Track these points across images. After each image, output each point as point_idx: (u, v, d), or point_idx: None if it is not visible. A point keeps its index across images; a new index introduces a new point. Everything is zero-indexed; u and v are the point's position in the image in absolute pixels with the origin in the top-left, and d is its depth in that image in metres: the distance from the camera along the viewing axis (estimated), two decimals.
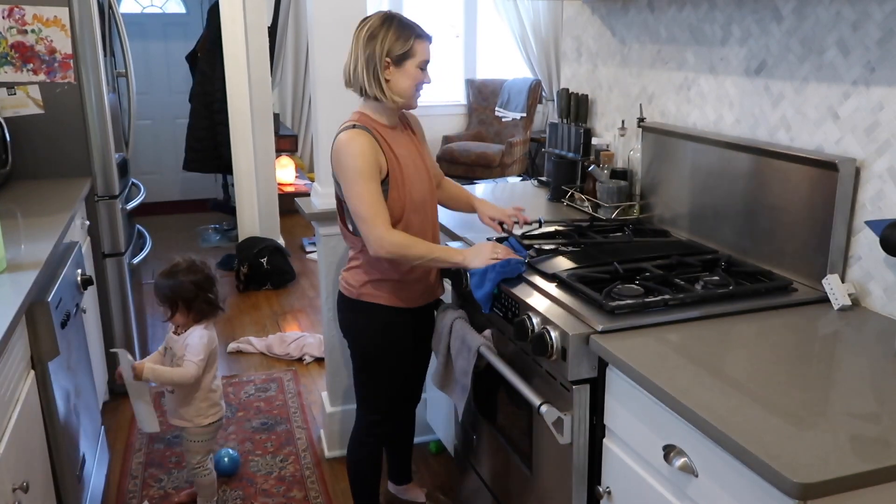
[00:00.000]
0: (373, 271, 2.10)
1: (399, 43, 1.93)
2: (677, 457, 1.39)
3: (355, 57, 1.96)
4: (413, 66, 1.96)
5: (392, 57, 1.94)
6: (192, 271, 2.41)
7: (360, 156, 1.93)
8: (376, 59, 1.93)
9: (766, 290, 1.81)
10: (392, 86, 1.96)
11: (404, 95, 1.99)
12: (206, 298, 2.41)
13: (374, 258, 2.01)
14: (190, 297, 2.38)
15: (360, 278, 2.12)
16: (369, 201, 1.94)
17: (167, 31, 6.51)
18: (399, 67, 1.95)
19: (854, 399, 1.34)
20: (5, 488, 1.62)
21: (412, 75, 1.97)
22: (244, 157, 5.04)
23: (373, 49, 1.93)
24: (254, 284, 4.82)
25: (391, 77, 1.96)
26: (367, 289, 2.11)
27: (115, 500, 2.68)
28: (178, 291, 2.38)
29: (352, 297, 2.14)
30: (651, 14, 2.44)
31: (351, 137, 1.95)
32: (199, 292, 2.39)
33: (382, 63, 1.94)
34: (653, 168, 2.41)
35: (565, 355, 1.64)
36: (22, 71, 3.04)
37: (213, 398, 2.47)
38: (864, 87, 1.72)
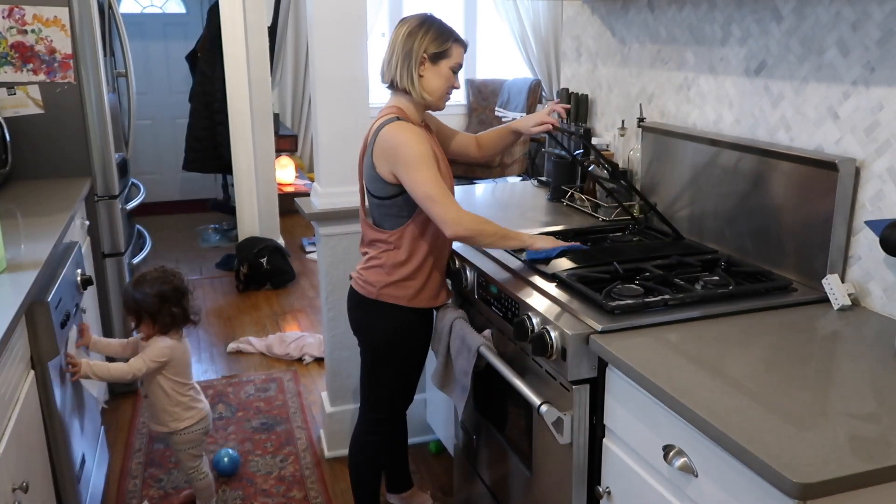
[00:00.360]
0: (396, 271, 2.07)
1: (437, 42, 1.99)
2: (677, 457, 1.39)
3: (392, 50, 2.00)
4: (447, 67, 2.01)
5: (429, 54, 1.98)
6: (159, 282, 2.38)
7: (418, 142, 1.94)
8: (413, 55, 1.97)
9: (766, 290, 1.81)
10: (424, 83, 2.00)
11: (434, 94, 2.02)
12: (171, 311, 2.38)
13: (398, 259, 2.04)
14: (153, 309, 2.36)
15: (381, 278, 2.09)
16: (438, 183, 1.93)
17: (167, 31, 6.50)
18: (434, 65, 1.99)
19: (854, 399, 1.34)
20: (5, 488, 1.62)
21: (445, 76, 2.01)
22: (244, 157, 5.04)
23: (412, 45, 1.97)
24: (253, 284, 4.82)
25: (425, 74, 1.99)
26: (389, 289, 2.09)
27: (114, 500, 2.68)
28: (141, 303, 2.36)
29: (370, 296, 2.11)
30: (651, 14, 2.44)
31: (403, 126, 1.97)
32: (164, 305, 2.36)
33: (419, 59, 1.98)
34: (652, 168, 2.41)
35: (565, 355, 1.64)
36: (22, 71, 3.04)
37: (185, 402, 2.44)
38: (863, 87, 1.72)
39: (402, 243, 2.05)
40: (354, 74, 2.61)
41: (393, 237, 2.05)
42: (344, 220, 2.69)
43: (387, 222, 2.05)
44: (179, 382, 2.42)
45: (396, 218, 2.04)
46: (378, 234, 2.08)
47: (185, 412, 2.44)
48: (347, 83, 2.61)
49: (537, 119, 2.23)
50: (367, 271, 2.12)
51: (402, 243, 2.05)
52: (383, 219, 2.06)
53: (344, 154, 2.66)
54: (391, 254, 2.06)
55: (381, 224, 2.06)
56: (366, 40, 2.61)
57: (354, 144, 2.66)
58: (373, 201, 2.07)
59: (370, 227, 2.11)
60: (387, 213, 2.04)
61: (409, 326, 2.16)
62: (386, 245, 2.07)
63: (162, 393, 2.41)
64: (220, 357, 3.86)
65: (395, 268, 2.07)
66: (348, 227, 2.70)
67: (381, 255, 2.08)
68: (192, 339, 4.02)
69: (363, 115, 2.65)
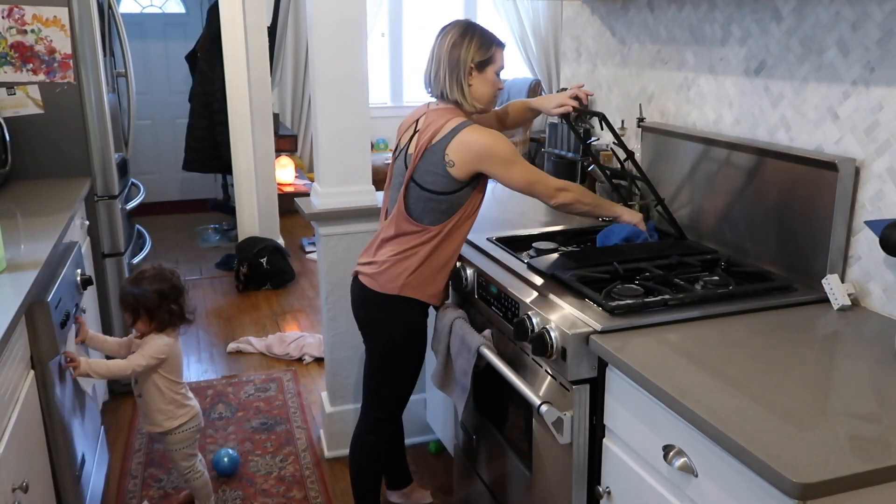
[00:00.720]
0: (429, 266, 2.09)
1: (482, 50, 2.03)
2: (677, 457, 1.39)
3: (438, 62, 2.05)
4: (492, 73, 2.06)
5: (476, 63, 2.02)
6: (158, 280, 2.38)
7: (504, 141, 2.02)
8: (460, 66, 2.02)
9: (766, 290, 1.81)
10: (473, 91, 2.05)
11: (483, 100, 2.08)
12: (169, 309, 2.38)
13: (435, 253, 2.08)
14: (152, 306, 2.35)
15: (408, 273, 2.09)
16: (532, 168, 2.06)
17: (167, 31, 6.50)
18: (481, 73, 2.04)
19: (854, 399, 1.34)
20: (5, 488, 1.62)
21: (492, 81, 2.06)
22: (244, 157, 5.04)
23: (457, 56, 2.02)
24: (253, 284, 4.82)
25: (473, 83, 2.04)
26: (414, 283, 2.10)
27: (114, 500, 2.68)
28: (140, 300, 2.36)
29: (389, 292, 2.11)
30: (651, 14, 2.44)
31: (485, 130, 2.02)
32: (162, 302, 2.36)
33: (466, 69, 2.02)
34: (652, 168, 2.41)
35: (565, 355, 1.64)
36: (21, 71, 3.04)
37: (178, 400, 2.44)
38: (863, 87, 1.72)
39: (442, 238, 2.07)
40: (354, 74, 2.61)
41: (433, 232, 2.06)
42: (344, 220, 2.69)
43: (428, 217, 2.05)
44: (173, 381, 2.42)
45: (442, 214, 2.05)
46: (416, 227, 2.07)
47: (178, 409, 2.44)
48: (347, 83, 2.61)
49: (559, 100, 2.27)
50: (390, 266, 2.10)
51: (442, 238, 2.07)
52: (426, 213, 2.05)
53: (344, 154, 2.66)
54: (427, 247, 2.07)
55: (421, 219, 2.06)
56: (365, 40, 2.61)
57: (354, 144, 2.67)
58: (420, 195, 2.05)
59: (407, 221, 2.07)
60: (434, 209, 2.04)
61: (421, 323, 2.19)
62: (423, 239, 2.07)
63: (156, 391, 2.41)
64: (219, 357, 3.86)
65: (428, 262, 2.08)
66: (348, 227, 2.70)
67: (414, 249, 2.07)
68: (192, 338, 4.03)
69: (363, 115, 2.65)
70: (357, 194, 2.69)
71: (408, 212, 2.07)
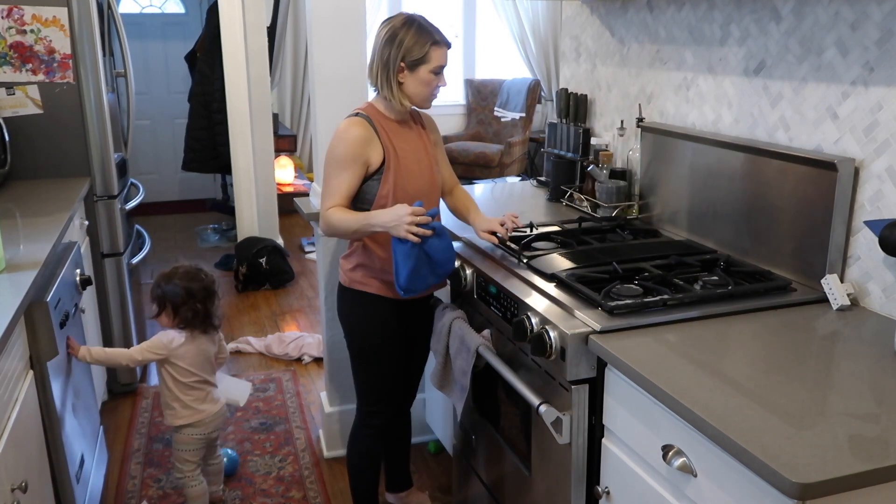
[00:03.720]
0: (361, 257, 2.14)
1: (416, 48, 1.97)
2: (676, 457, 1.39)
3: (373, 56, 2.03)
4: (426, 72, 2.00)
5: (406, 62, 1.98)
6: (189, 278, 2.40)
7: (344, 143, 2.01)
8: (391, 62, 1.98)
9: (765, 290, 1.81)
10: (404, 88, 2.02)
11: (415, 98, 2.04)
12: (194, 308, 2.37)
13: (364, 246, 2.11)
14: (178, 302, 2.36)
15: (350, 264, 2.18)
16: (332, 185, 2.04)
17: (166, 31, 6.50)
18: (413, 72, 1.99)
19: (853, 399, 1.34)
20: (4, 488, 1.62)
21: (425, 80, 2.01)
22: (243, 157, 5.04)
23: (389, 51, 1.98)
24: (252, 284, 4.82)
25: (404, 80, 2.01)
26: (357, 276, 2.16)
27: (113, 501, 2.68)
28: (167, 294, 2.37)
29: (345, 284, 2.19)
30: (650, 14, 2.44)
31: (346, 125, 2.03)
32: (188, 300, 2.37)
33: (396, 66, 1.98)
34: (652, 168, 2.41)
35: (564, 355, 1.64)
36: (21, 71, 3.04)
37: (184, 400, 2.41)
38: (862, 87, 1.72)
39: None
40: (354, 74, 2.61)
41: None
42: None
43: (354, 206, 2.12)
44: (181, 382, 2.40)
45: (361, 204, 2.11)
46: None
47: (183, 410, 2.42)
48: (347, 83, 2.61)
49: (489, 226, 2.16)
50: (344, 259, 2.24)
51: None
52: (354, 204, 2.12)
53: None
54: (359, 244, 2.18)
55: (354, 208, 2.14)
56: (365, 40, 2.61)
57: None
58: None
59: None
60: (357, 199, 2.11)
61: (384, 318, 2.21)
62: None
63: (164, 386, 2.42)
64: None
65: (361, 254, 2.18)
66: None
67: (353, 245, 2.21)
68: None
69: None
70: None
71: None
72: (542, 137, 2.97)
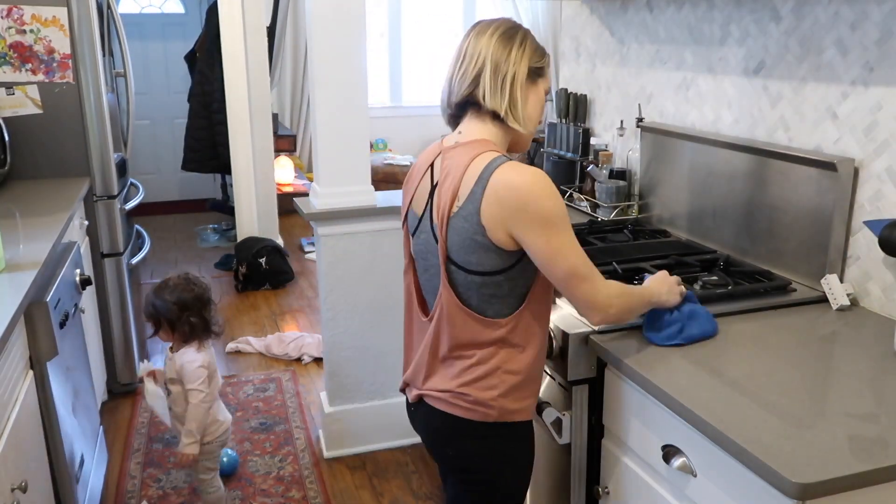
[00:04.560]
0: (514, 373, 1.47)
1: (537, 55, 1.49)
2: (676, 457, 1.39)
3: (474, 61, 1.45)
4: (543, 89, 1.51)
5: (530, 68, 1.47)
6: (179, 290, 2.32)
7: (556, 195, 1.39)
8: (509, 69, 1.44)
9: (765, 289, 1.81)
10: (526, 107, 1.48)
11: (531, 123, 1.50)
12: (189, 321, 2.30)
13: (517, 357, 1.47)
14: (172, 317, 2.30)
15: (495, 388, 1.46)
16: (582, 252, 1.42)
17: (166, 32, 6.50)
18: (534, 85, 1.49)
19: (852, 399, 1.34)
20: (4, 488, 1.62)
21: (542, 100, 1.52)
22: (243, 157, 5.03)
23: (508, 53, 1.44)
24: (252, 284, 4.82)
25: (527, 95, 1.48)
26: (511, 402, 1.48)
27: (113, 501, 2.68)
28: (160, 310, 2.31)
29: (493, 418, 1.47)
30: (650, 14, 2.44)
31: (532, 171, 1.38)
32: (183, 313, 2.30)
33: (521, 74, 1.45)
34: (651, 168, 2.41)
35: (564, 355, 1.64)
36: (20, 71, 3.04)
37: (211, 415, 2.37)
38: (862, 87, 1.72)
39: (518, 335, 1.46)
40: (353, 74, 2.61)
41: (507, 326, 1.45)
42: (343, 220, 2.69)
43: (491, 308, 1.45)
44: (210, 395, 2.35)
45: (506, 299, 1.45)
46: (486, 327, 1.45)
47: (209, 426, 2.36)
48: (346, 83, 2.61)
49: None
50: (472, 386, 1.46)
51: (518, 335, 1.46)
52: (485, 304, 1.44)
53: (343, 154, 2.66)
54: (509, 353, 1.46)
55: (483, 312, 1.45)
56: (365, 40, 2.61)
57: (353, 145, 2.66)
58: (469, 280, 1.43)
59: (472, 318, 1.45)
60: (493, 295, 1.44)
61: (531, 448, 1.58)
62: (496, 342, 1.45)
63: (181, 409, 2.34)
64: (218, 357, 3.85)
65: (511, 367, 1.47)
66: (347, 226, 2.70)
67: (491, 358, 1.46)
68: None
69: (362, 116, 2.65)
70: (356, 194, 2.69)
71: (466, 305, 1.45)
72: (542, 137, 2.97)
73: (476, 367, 1.46)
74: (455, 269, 1.44)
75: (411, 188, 1.58)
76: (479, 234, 1.39)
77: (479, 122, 1.49)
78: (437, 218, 1.44)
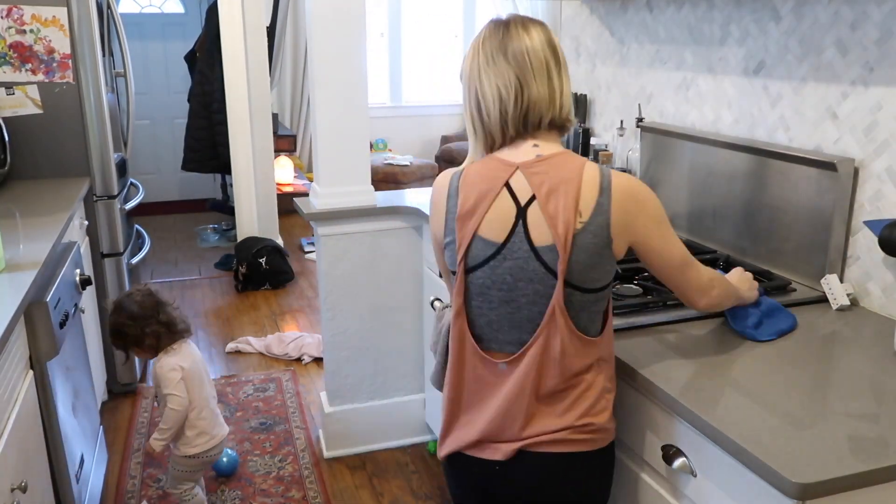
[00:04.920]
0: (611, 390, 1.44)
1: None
2: (676, 457, 1.39)
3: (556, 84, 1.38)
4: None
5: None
6: (124, 305, 2.32)
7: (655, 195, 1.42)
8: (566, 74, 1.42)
9: (765, 289, 1.81)
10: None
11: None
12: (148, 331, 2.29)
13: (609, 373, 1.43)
14: (133, 333, 2.30)
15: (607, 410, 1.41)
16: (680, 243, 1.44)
17: (166, 31, 6.50)
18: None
19: (852, 399, 1.34)
20: (4, 488, 1.62)
21: None
22: (243, 157, 5.03)
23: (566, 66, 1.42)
24: (252, 284, 4.82)
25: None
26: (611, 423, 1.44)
27: (113, 500, 2.68)
28: (117, 333, 2.32)
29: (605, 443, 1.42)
30: (650, 14, 2.44)
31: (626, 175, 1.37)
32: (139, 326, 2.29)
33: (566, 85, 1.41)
34: (651, 168, 2.41)
35: None
36: (20, 71, 3.04)
37: (200, 426, 2.34)
38: (862, 87, 1.72)
39: (606, 348, 1.42)
40: (353, 74, 2.61)
41: (602, 344, 1.40)
42: (343, 220, 2.69)
43: (592, 326, 1.38)
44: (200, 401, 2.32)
45: (599, 315, 1.39)
46: (590, 348, 1.38)
47: (198, 437, 2.34)
48: (346, 83, 2.61)
49: None
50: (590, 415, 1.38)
51: (606, 348, 1.42)
52: (590, 323, 1.38)
53: (343, 154, 2.66)
54: (605, 369, 1.41)
55: (587, 331, 1.37)
56: (365, 40, 2.61)
57: (353, 144, 2.66)
58: (583, 300, 1.35)
59: (582, 342, 1.36)
60: (597, 311, 1.38)
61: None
62: (598, 360, 1.40)
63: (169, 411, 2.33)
64: (218, 357, 3.86)
65: (610, 389, 1.43)
66: (347, 226, 2.70)
67: (595, 379, 1.39)
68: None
69: (362, 115, 2.65)
70: (356, 194, 2.69)
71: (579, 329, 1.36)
72: None
73: (587, 392, 1.38)
74: (569, 290, 1.33)
75: (475, 211, 1.37)
76: (607, 248, 1.33)
77: (549, 137, 1.40)
78: (558, 237, 1.30)
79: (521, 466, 1.40)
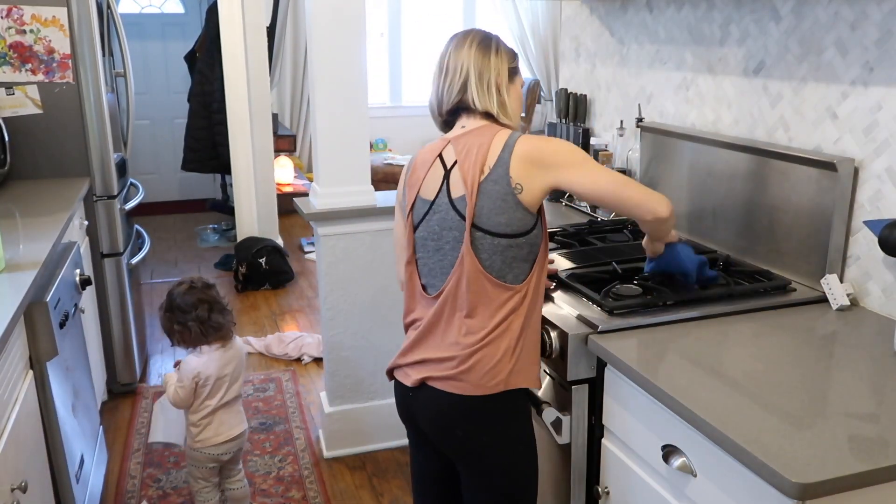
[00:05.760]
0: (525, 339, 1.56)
1: (510, 57, 1.65)
2: (676, 457, 1.39)
3: (461, 73, 1.60)
4: (519, 84, 1.68)
5: (508, 70, 1.63)
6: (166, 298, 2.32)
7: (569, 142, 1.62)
8: (491, 72, 1.60)
9: (765, 289, 1.81)
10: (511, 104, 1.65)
11: (517, 117, 1.67)
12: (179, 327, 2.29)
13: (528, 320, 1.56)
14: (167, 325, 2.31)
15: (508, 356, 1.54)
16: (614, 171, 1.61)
17: (165, 31, 6.50)
18: (512, 84, 1.65)
19: (852, 399, 1.34)
20: (4, 488, 1.62)
21: (520, 95, 1.69)
22: (243, 157, 5.04)
23: (488, 60, 1.60)
24: (252, 284, 4.82)
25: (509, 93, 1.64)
26: (519, 369, 1.55)
27: (113, 501, 2.68)
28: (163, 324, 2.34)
29: (495, 391, 1.53)
30: (650, 14, 2.44)
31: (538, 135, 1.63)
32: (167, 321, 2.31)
33: (503, 75, 1.62)
34: (651, 168, 2.41)
35: (564, 355, 1.64)
36: (20, 71, 3.04)
37: (202, 423, 2.32)
38: (862, 87, 1.72)
39: (528, 298, 1.56)
40: (353, 74, 2.61)
41: (521, 291, 1.54)
42: (343, 220, 2.69)
43: (511, 272, 1.53)
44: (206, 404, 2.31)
45: (523, 263, 1.55)
46: (504, 292, 1.53)
47: (199, 433, 2.32)
48: (346, 83, 2.61)
49: None
50: (483, 352, 1.52)
51: (528, 298, 1.56)
52: (507, 268, 1.53)
53: (343, 154, 2.66)
54: (521, 314, 1.55)
55: (503, 276, 1.53)
56: (364, 40, 2.61)
57: (353, 144, 2.66)
58: (495, 245, 1.52)
59: (493, 284, 1.52)
60: (514, 258, 1.53)
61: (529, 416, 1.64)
62: (512, 305, 1.53)
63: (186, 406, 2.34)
64: None
65: (526, 334, 1.56)
66: (347, 226, 2.70)
67: (506, 323, 1.53)
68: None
69: (362, 115, 2.65)
70: (356, 194, 2.69)
71: (487, 270, 1.52)
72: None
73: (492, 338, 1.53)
74: (480, 234, 1.52)
75: (418, 178, 1.64)
76: (510, 194, 1.51)
77: (475, 120, 1.63)
78: (467, 186, 1.52)
79: (422, 396, 1.61)
